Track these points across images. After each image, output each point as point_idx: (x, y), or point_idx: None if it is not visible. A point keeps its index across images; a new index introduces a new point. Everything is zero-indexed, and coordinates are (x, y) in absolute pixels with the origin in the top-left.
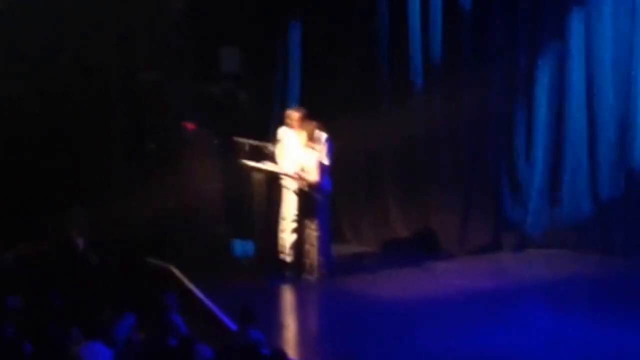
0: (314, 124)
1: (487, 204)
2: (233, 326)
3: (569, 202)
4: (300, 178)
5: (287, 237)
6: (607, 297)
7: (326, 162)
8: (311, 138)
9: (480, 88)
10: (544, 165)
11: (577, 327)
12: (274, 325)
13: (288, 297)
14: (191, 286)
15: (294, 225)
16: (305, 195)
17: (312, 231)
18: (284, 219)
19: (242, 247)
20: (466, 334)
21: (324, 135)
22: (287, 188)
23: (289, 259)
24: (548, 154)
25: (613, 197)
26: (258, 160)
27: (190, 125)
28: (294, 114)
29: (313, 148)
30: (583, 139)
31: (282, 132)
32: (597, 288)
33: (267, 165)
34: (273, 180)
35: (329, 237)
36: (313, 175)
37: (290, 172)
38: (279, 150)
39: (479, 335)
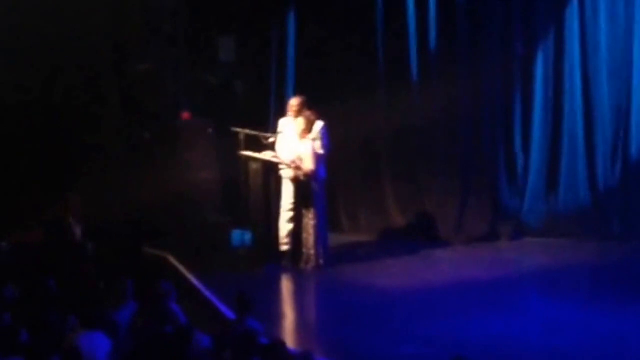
0: (309, 112)
1: (484, 193)
2: (230, 315)
3: (566, 190)
4: (296, 167)
5: (283, 226)
6: (605, 283)
7: (321, 150)
8: (307, 126)
9: (477, 77)
10: (541, 153)
11: (574, 313)
12: (272, 314)
13: (285, 286)
14: (188, 275)
15: (291, 214)
16: (302, 184)
17: (309, 220)
18: (282, 208)
19: (240, 236)
20: (464, 321)
21: (319, 124)
22: (284, 177)
23: (285, 247)
24: (545, 143)
25: (610, 185)
26: (255, 149)
27: (185, 115)
28: (292, 101)
29: (307, 136)
30: (579, 127)
31: (283, 122)
32: (594, 275)
33: (264, 155)
34: (270, 170)
35: (325, 226)
36: (308, 164)
37: (287, 161)
38: (279, 140)
39: (477, 323)
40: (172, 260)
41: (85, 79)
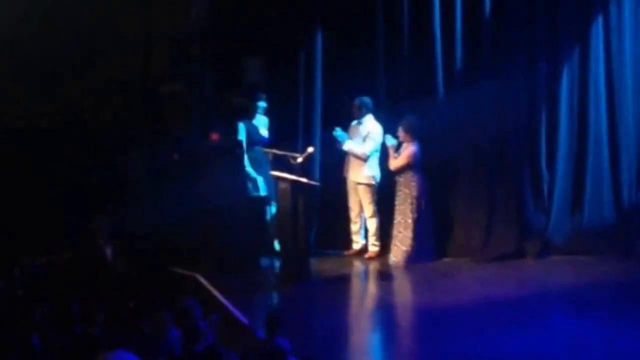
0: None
1: (510, 211)
2: (260, 334)
3: (591, 208)
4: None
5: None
6: (631, 302)
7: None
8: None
9: (502, 96)
10: (566, 171)
11: (600, 332)
12: (301, 333)
13: (314, 304)
14: (217, 294)
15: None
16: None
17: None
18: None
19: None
20: (490, 340)
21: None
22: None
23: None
24: (570, 161)
25: (635, 203)
26: (283, 169)
27: (214, 136)
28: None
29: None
30: (604, 145)
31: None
32: (620, 293)
33: (291, 175)
34: (298, 190)
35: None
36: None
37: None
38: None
39: (503, 342)
40: (202, 280)
41: (114, 101)
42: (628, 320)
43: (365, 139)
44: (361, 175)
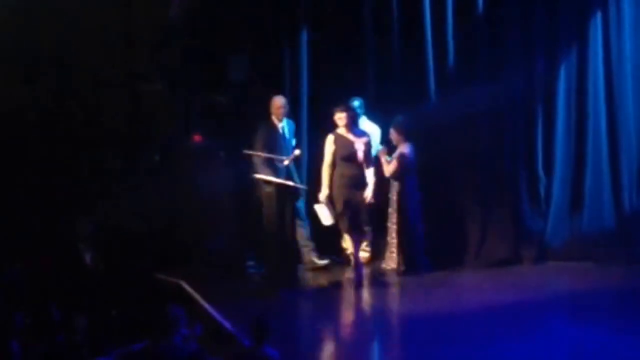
0: None
1: (506, 216)
2: (246, 342)
3: (590, 212)
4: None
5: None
6: (630, 308)
7: None
8: None
9: (497, 97)
10: (564, 175)
11: (600, 338)
12: (288, 340)
13: (301, 311)
14: (202, 302)
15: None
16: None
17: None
18: None
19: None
20: (487, 347)
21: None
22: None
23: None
24: (568, 164)
25: (635, 207)
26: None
27: (196, 137)
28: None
29: None
30: (604, 148)
31: None
32: (619, 299)
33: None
34: (284, 193)
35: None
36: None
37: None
38: None
39: (500, 349)
40: (186, 286)
41: (94, 101)
42: (628, 327)
43: None
44: None
